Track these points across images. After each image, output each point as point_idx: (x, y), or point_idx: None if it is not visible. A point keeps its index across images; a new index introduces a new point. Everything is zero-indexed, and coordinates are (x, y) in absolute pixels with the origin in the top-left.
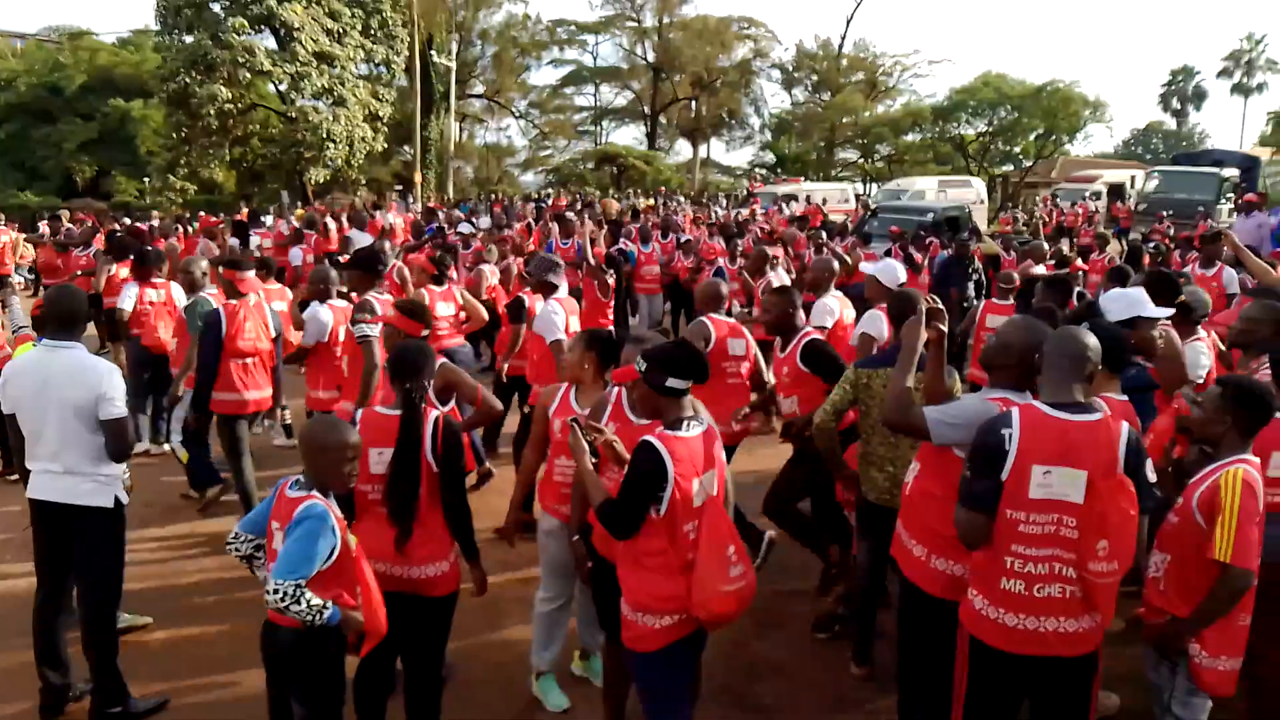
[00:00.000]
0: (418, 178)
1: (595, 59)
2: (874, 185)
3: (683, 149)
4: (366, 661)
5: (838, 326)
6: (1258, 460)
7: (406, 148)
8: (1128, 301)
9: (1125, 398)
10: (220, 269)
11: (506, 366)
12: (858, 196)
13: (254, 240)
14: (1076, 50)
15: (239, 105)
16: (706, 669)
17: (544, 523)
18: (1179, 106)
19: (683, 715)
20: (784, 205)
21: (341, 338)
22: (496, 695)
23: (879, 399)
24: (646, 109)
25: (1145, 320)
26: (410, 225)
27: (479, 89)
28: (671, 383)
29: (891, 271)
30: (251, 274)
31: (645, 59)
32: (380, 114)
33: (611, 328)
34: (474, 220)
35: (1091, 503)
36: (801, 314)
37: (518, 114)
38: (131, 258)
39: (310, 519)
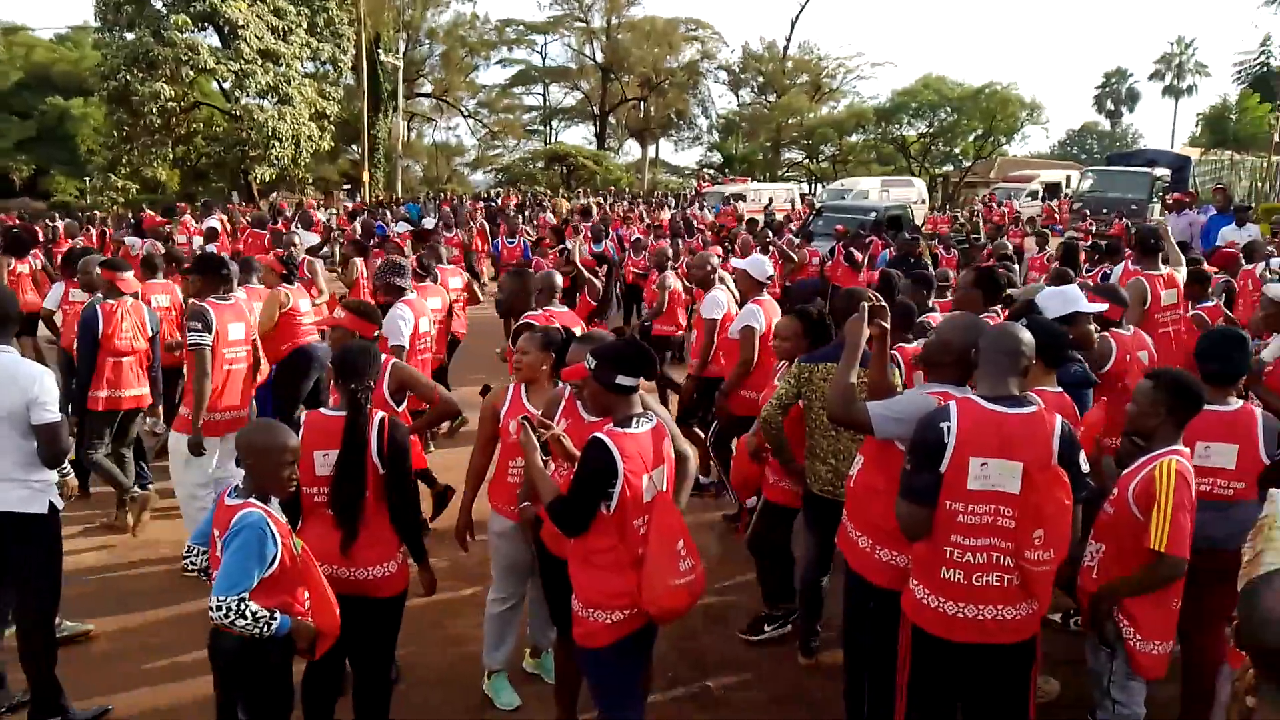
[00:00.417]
0: (365, 176)
1: (544, 59)
2: (819, 185)
3: (632, 149)
4: (314, 665)
5: (726, 319)
6: (1188, 450)
7: (354, 146)
8: (1064, 299)
9: (1061, 390)
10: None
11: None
12: (803, 196)
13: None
14: (1014, 53)
15: (182, 103)
16: (658, 663)
17: (495, 524)
18: (1113, 108)
19: (634, 710)
20: (702, 204)
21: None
22: (447, 695)
23: (821, 392)
24: (596, 109)
25: (1082, 316)
26: (362, 226)
27: (427, 88)
28: (621, 380)
29: (760, 266)
30: (129, 274)
31: (594, 59)
32: (327, 112)
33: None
34: (420, 220)
35: (1028, 493)
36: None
37: (466, 113)
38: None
39: (246, 529)
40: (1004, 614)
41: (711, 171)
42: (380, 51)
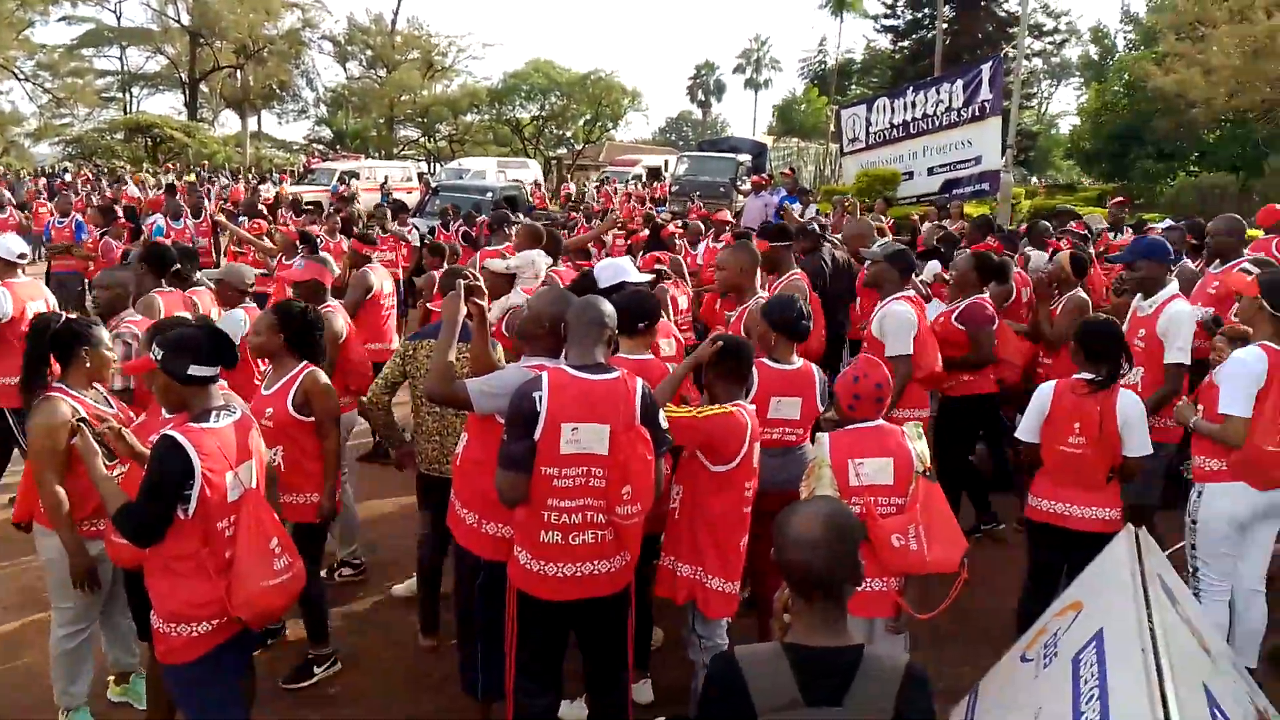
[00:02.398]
0: None
1: (119, 18)
2: (438, 164)
3: (230, 120)
4: None
5: None
6: (753, 408)
7: None
8: (616, 270)
9: (650, 357)
10: None
11: None
12: (420, 175)
13: None
14: (616, 42)
15: None
16: (269, 665)
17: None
18: (703, 98)
19: None
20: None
21: None
22: None
23: (425, 370)
24: (184, 76)
25: (631, 284)
26: None
27: None
28: (194, 370)
29: (6, 245)
30: None
31: (179, 22)
32: None
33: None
34: None
35: (615, 453)
36: None
37: (22, 76)
38: None
39: None
40: (600, 568)
41: (321, 147)
42: None
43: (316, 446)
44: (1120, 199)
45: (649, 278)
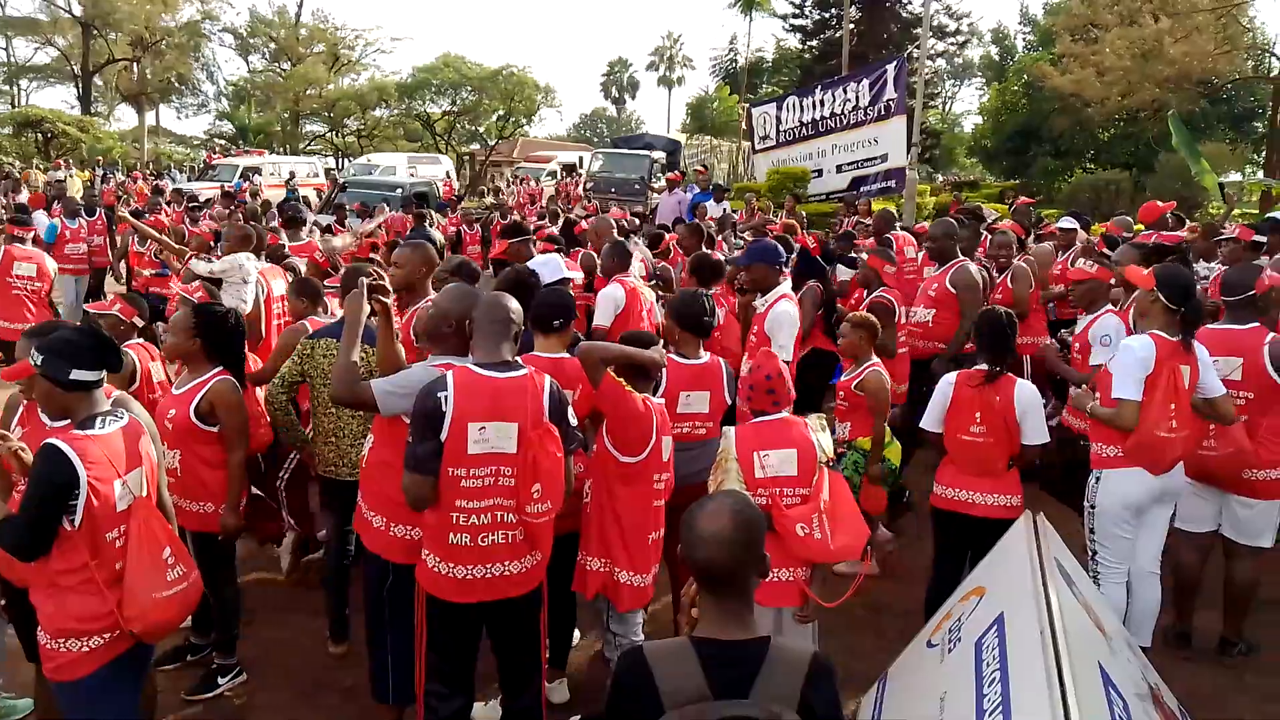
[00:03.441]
0: None
1: (3, 8)
2: (346, 160)
3: (126, 115)
4: None
5: None
6: (661, 403)
7: None
8: (554, 265)
9: (566, 355)
10: None
11: None
12: (328, 171)
13: None
14: (528, 38)
15: None
16: (173, 676)
17: None
18: (617, 95)
19: None
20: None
21: None
22: None
23: (322, 371)
24: (76, 69)
25: (569, 280)
26: None
27: None
28: (77, 375)
29: None
30: None
31: (70, 12)
32: None
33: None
34: None
35: (524, 451)
36: None
37: None
38: None
39: None
40: (511, 568)
41: (223, 142)
42: None
43: (217, 456)
44: (1027, 199)
45: (580, 275)
